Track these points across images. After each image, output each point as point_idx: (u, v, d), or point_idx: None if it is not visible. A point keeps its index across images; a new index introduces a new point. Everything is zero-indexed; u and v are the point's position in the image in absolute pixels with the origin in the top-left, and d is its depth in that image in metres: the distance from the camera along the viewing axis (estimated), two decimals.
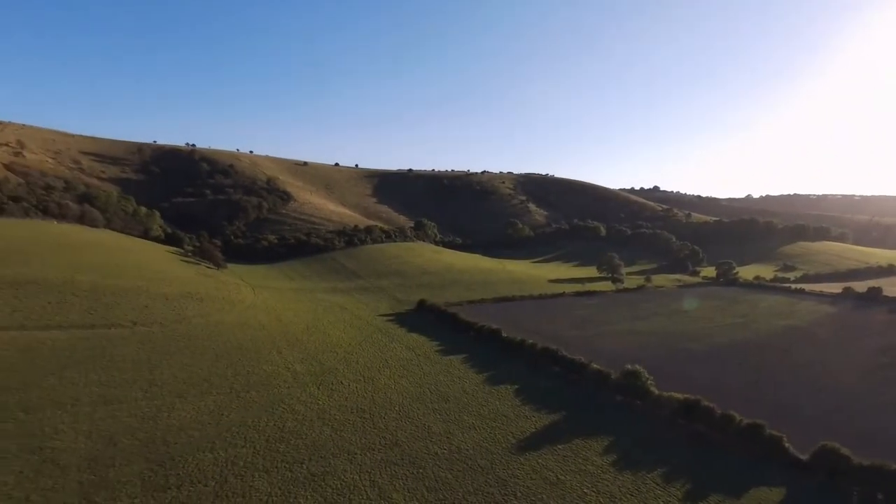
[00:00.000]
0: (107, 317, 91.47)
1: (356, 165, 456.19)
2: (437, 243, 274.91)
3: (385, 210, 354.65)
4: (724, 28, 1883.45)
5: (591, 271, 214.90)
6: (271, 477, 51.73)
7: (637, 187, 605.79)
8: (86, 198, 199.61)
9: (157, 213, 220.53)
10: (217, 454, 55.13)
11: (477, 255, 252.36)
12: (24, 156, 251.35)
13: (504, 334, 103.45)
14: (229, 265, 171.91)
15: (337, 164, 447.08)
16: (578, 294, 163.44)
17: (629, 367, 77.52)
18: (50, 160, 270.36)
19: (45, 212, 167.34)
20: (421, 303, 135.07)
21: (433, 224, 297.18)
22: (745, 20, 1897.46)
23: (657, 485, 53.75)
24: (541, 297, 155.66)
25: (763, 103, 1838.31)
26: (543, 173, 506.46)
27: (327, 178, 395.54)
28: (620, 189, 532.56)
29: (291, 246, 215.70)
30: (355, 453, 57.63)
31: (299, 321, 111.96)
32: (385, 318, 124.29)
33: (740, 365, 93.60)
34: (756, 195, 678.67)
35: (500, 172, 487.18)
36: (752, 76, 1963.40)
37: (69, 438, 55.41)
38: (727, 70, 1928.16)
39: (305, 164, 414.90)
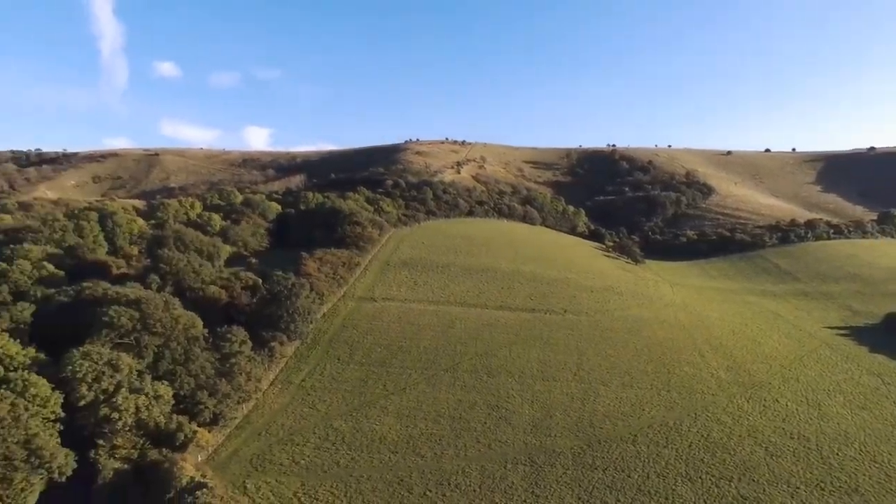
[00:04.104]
0: (543, 303, 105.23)
1: (793, 150, 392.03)
2: None
3: (832, 200, 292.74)
4: None
5: None
6: (695, 486, 49.38)
7: None
8: (527, 200, 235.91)
9: (582, 211, 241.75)
10: (639, 448, 56.17)
11: None
12: (485, 168, 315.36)
13: None
14: (647, 261, 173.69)
15: (767, 150, 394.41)
16: None
17: None
18: (502, 170, 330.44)
19: (499, 212, 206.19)
20: (890, 317, 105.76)
21: None
22: None
23: None
24: None
25: None
26: None
27: (755, 166, 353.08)
28: None
29: (712, 242, 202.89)
30: (798, 487, 49.44)
31: (723, 324, 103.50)
32: (835, 332, 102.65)
33: None
34: None
35: None
36: None
37: (517, 403, 66.13)
38: None
39: (729, 153, 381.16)
